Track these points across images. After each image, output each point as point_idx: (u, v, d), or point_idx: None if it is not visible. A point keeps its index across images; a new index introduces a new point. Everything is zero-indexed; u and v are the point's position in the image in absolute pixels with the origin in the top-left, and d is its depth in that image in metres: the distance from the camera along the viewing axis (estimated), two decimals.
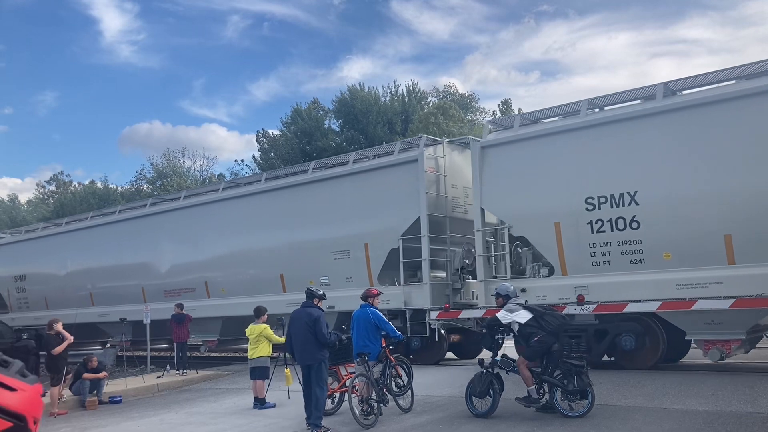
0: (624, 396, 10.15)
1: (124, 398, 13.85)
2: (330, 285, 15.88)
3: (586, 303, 12.53)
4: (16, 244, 27.87)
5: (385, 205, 15.94)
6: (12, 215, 56.49)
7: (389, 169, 16.17)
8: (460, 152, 16.53)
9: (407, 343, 14.91)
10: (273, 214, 18.52)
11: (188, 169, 53.01)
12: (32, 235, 27.58)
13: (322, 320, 9.25)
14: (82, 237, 24.63)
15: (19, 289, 26.75)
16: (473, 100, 47.61)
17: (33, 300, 26.09)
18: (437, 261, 15.72)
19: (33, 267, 26.34)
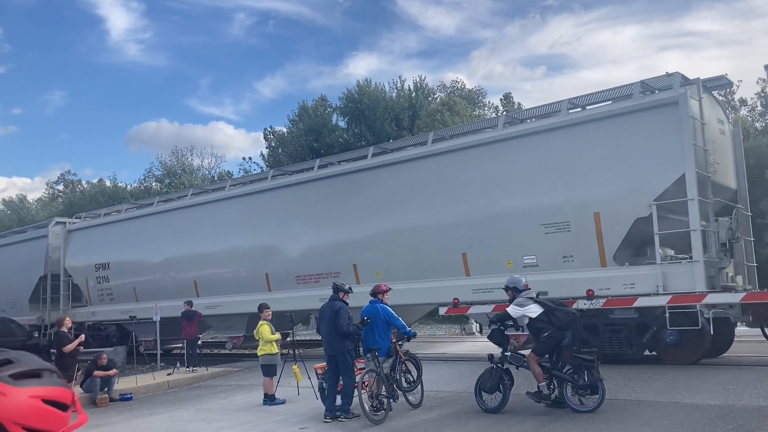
0: (634, 390, 10.10)
1: (134, 395, 13.91)
2: (538, 266, 13.65)
3: (595, 297, 12.47)
4: (95, 229, 24.89)
5: (627, 163, 12.71)
6: (20, 215, 56.78)
7: (631, 116, 12.88)
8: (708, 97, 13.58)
9: (660, 338, 12.53)
10: (449, 183, 15.17)
11: (198, 168, 53.19)
12: (116, 217, 24.55)
13: (342, 312, 9.68)
14: (182, 217, 21.57)
15: (101, 279, 23.93)
16: (480, 95, 47.50)
17: (119, 291, 23.27)
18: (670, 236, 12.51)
19: (118, 254, 23.38)
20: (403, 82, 45.19)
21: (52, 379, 1.17)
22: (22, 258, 25.99)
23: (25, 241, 26.84)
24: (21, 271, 25.66)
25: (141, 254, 22.55)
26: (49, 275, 24.74)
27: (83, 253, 24.74)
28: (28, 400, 1.10)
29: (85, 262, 24.52)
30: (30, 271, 25.32)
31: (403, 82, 45.17)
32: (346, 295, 10.10)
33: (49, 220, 27.80)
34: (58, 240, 25.53)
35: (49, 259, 24.97)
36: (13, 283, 25.78)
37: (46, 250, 25.06)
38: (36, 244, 25.80)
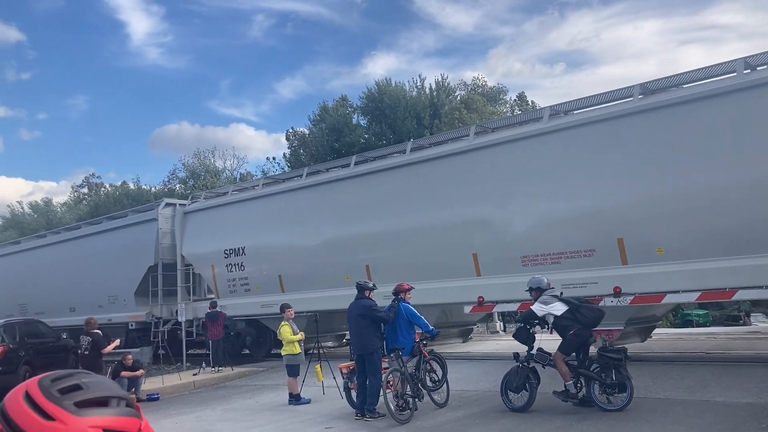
0: (663, 389, 9.97)
1: (161, 395, 14.04)
2: None
3: (622, 295, 12.32)
4: (222, 209, 20.80)
5: None
6: (48, 218, 57.59)
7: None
8: None
9: None
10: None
11: (222, 170, 53.56)
12: (250, 194, 20.54)
13: (374, 306, 9.95)
14: (348, 190, 17.37)
15: (233, 266, 19.96)
16: (502, 92, 47.22)
17: (258, 281, 19.31)
18: None
19: (257, 236, 19.33)
20: (423, 80, 45.11)
21: (119, 408, 1.15)
22: (125, 246, 22.53)
23: (127, 226, 23.29)
24: (124, 261, 22.21)
25: (288, 236, 18.47)
26: (159, 264, 21.40)
27: (206, 238, 20.71)
28: (87, 430, 1.08)
29: (210, 248, 20.48)
30: (136, 261, 21.87)
31: (423, 81, 45.10)
32: (371, 293, 10.17)
33: (158, 201, 24.57)
34: (168, 224, 21.94)
35: (159, 246, 21.53)
36: (114, 274, 22.48)
37: (156, 236, 21.54)
38: (143, 230, 22.22)
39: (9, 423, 1.19)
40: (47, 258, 26.45)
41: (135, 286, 21.83)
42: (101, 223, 25.38)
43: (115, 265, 22.57)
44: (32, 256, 27.55)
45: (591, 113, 13.25)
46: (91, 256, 23.91)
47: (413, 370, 9.90)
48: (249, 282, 19.50)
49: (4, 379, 14.77)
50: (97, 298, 22.89)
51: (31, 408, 1.19)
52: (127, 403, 1.27)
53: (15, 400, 1.21)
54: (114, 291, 22.64)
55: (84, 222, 28.88)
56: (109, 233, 23.92)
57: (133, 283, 21.87)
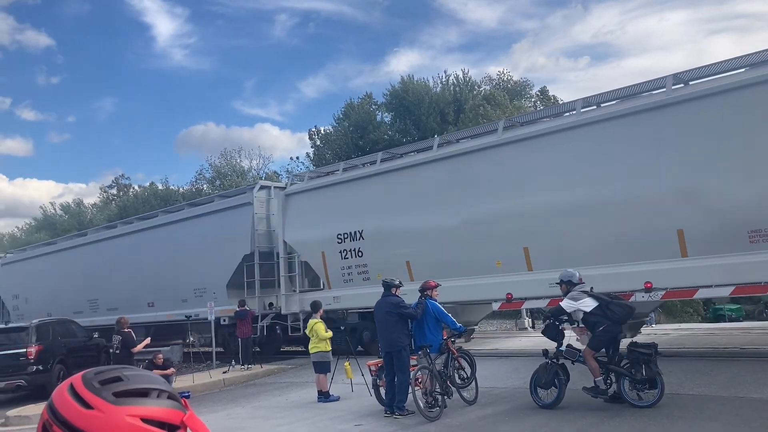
0: (696, 385, 9.81)
1: (192, 393, 14.19)
2: None
3: (653, 290, 12.15)
4: (331, 189, 18.29)
5: None
6: (79, 219, 58.55)
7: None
8: None
9: None
10: None
11: (248, 169, 53.95)
12: (365, 171, 17.79)
13: (402, 303, 9.94)
14: (493, 159, 14.77)
15: (350, 252, 17.47)
16: (528, 87, 46.87)
17: (379, 268, 16.42)
18: None
19: (378, 218, 16.78)
20: (448, 76, 44.98)
21: (160, 400, 1.19)
22: (216, 234, 20.71)
23: (217, 212, 21.30)
24: (215, 250, 20.41)
25: (420, 216, 15.79)
26: (256, 253, 19.61)
27: (314, 222, 18.52)
28: (125, 418, 1.12)
29: (319, 233, 18.25)
30: (229, 250, 20.01)
31: (447, 77, 44.96)
32: (398, 290, 10.16)
33: (252, 183, 22.51)
34: (263, 208, 20.11)
35: (255, 233, 19.77)
36: (202, 265, 20.75)
37: (252, 222, 19.77)
38: (236, 216, 20.33)
39: (54, 414, 1.23)
40: (120, 250, 24.87)
41: (227, 277, 20.08)
42: (183, 210, 23.69)
43: (204, 255, 20.77)
44: (102, 249, 25.91)
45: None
46: (173, 247, 22.21)
47: (441, 367, 9.87)
48: (368, 269, 17.02)
49: (39, 377, 15.05)
50: (181, 292, 21.34)
51: (72, 398, 1.24)
52: (169, 395, 1.29)
53: (60, 393, 1.26)
54: (202, 283, 20.87)
55: (161, 210, 27.15)
56: (194, 221, 22.04)
57: (225, 274, 20.11)
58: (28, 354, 15.34)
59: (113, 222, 31.46)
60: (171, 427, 1.25)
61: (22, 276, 30.63)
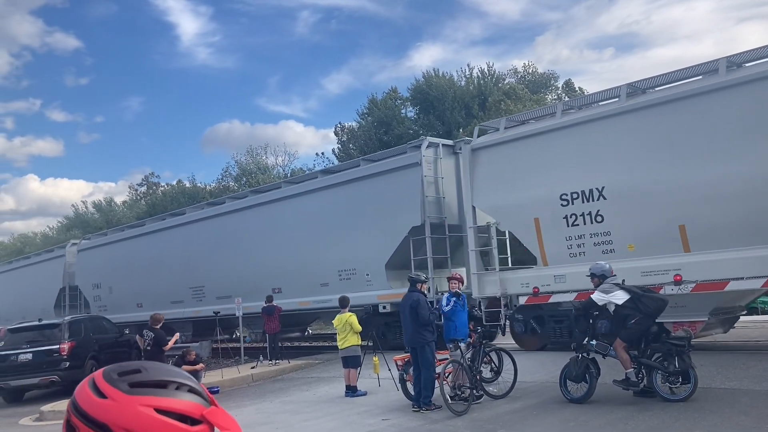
0: (729, 378, 9.66)
1: (220, 388, 14.33)
2: None
3: (684, 282, 11.96)
4: (550, 135, 14.21)
5: None
6: (108, 217, 59.45)
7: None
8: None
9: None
10: None
11: (272, 166, 54.27)
12: (597, 112, 13.70)
13: (421, 302, 9.73)
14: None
15: (581, 217, 13.61)
16: (553, 79, 46.43)
17: (630, 236, 12.92)
18: None
19: (630, 171, 12.81)
20: (471, 70, 44.74)
21: (179, 392, 1.18)
22: (370, 204, 17.52)
23: (373, 176, 17.76)
24: (369, 224, 17.39)
25: (698, 165, 11.83)
26: (427, 224, 16.29)
27: (519, 181, 14.49)
28: (137, 407, 1.12)
29: (530, 195, 14.23)
30: (391, 222, 16.82)
31: (471, 70, 44.73)
32: (423, 286, 10.11)
33: (419, 139, 18.11)
34: (431, 170, 16.60)
35: (425, 200, 16.29)
36: (352, 241, 17.79)
37: (421, 186, 16.30)
38: (398, 180, 16.90)
39: (74, 405, 1.25)
40: (232, 228, 21.64)
41: (387, 255, 16.89)
42: (316, 179, 19.96)
43: (353, 230, 17.70)
44: (207, 228, 22.72)
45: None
46: (306, 222, 19.12)
47: (471, 361, 9.86)
48: (613, 239, 13.14)
49: (72, 373, 15.32)
50: (319, 275, 18.14)
51: (91, 389, 1.25)
52: (190, 389, 1.28)
53: (82, 385, 1.29)
54: (351, 264, 17.91)
55: (283, 181, 23.59)
56: (336, 189, 18.61)
57: (384, 252, 16.90)
58: (61, 350, 15.62)
59: (220, 198, 27.41)
60: (191, 421, 1.24)
61: (104, 263, 27.69)
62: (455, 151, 17.15)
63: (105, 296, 27.84)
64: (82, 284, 29.48)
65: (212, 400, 1.31)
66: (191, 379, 1.32)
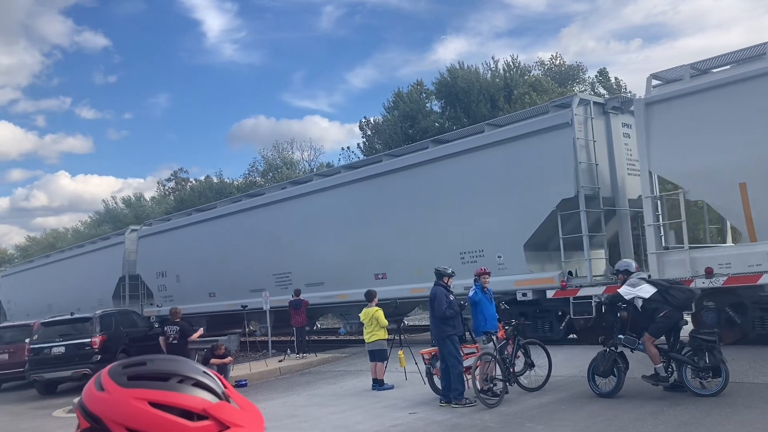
0: (762, 373, 9.48)
1: (249, 382, 14.47)
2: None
3: (715, 275, 11.75)
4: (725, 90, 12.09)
5: None
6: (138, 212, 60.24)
7: None
8: None
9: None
10: None
11: (298, 161, 54.50)
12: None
13: (438, 296, 9.68)
14: None
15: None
16: (581, 70, 45.86)
17: None
18: None
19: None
20: (497, 62, 44.39)
21: (181, 385, 1.12)
22: (502, 172, 15.34)
23: (507, 141, 15.35)
24: (501, 196, 15.22)
25: None
26: (581, 195, 13.97)
27: (717, 138, 12.07)
28: (131, 400, 1.08)
29: (733, 157, 11.84)
30: (530, 193, 14.63)
31: (496, 63, 44.38)
32: (449, 279, 10.05)
33: (567, 96, 16.06)
34: (583, 131, 14.40)
35: (578, 167, 14.02)
36: (479, 218, 15.55)
37: (573, 150, 14.05)
38: (543, 143, 14.66)
39: (80, 398, 1.24)
40: (325, 208, 19.58)
41: (527, 234, 14.75)
42: (427, 149, 17.59)
43: (479, 205, 15.54)
44: (293, 209, 20.65)
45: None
46: (419, 198, 16.96)
47: (502, 354, 9.82)
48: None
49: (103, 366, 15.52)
50: (436, 258, 14.22)
51: (94, 382, 1.24)
52: (196, 382, 1.22)
53: (91, 379, 1.27)
54: (476, 244, 15.63)
55: (384, 154, 20.57)
56: (451, 160, 16.45)
57: (522, 229, 14.79)
58: (93, 344, 15.90)
59: (307, 175, 25.33)
60: (185, 414, 1.17)
61: (169, 250, 25.74)
62: (605, 111, 15.04)
63: (171, 285, 25.73)
64: (144, 273, 27.41)
65: (230, 395, 1.25)
66: (199, 371, 1.26)
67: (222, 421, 1.18)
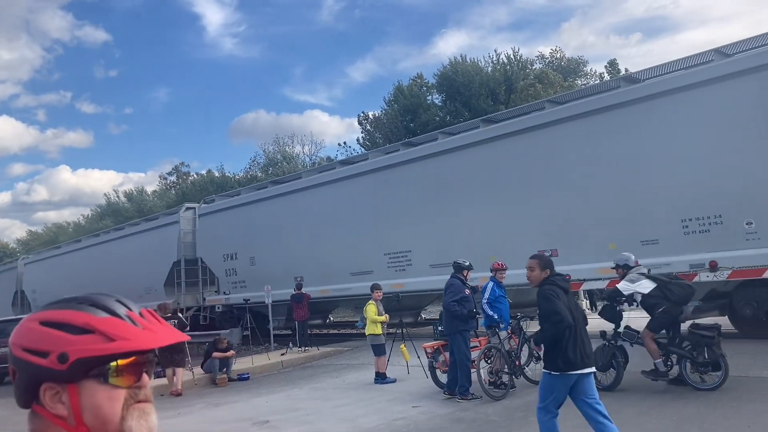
0: (765, 367, 9.48)
1: (251, 375, 14.50)
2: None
3: (719, 269, 11.74)
4: None
5: None
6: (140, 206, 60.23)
7: None
8: None
9: None
10: None
11: (297, 155, 54.45)
12: None
13: (451, 289, 9.71)
14: None
15: None
16: (582, 64, 45.75)
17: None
18: None
19: None
20: (498, 55, 44.28)
21: (75, 305, 1.23)
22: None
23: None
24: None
25: None
26: None
27: None
28: (26, 323, 1.19)
29: None
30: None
31: (498, 56, 44.27)
32: (467, 273, 10.07)
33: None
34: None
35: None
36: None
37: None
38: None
39: None
40: (447, 172, 16.04)
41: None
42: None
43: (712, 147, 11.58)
44: (412, 172, 16.92)
45: None
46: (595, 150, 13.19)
47: (509, 347, 9.85)
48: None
49: None
50: (647, 224, 12.16)
51: None
52: (94, 303, 1.26)
53: None
54: (707, 206, 11.75)
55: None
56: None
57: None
58: None
59: (431, 134, 19.34)
60: (70, 328, 1.21)
61: (239, 228, 22.30)
62: None
63: (243, 270, 22.23)
64: (207, 256, 23.86)
65: (137, 318, 1.26)
66: (109, 297, 1.29)
67: (106, 334, 1.21)
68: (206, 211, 24.47)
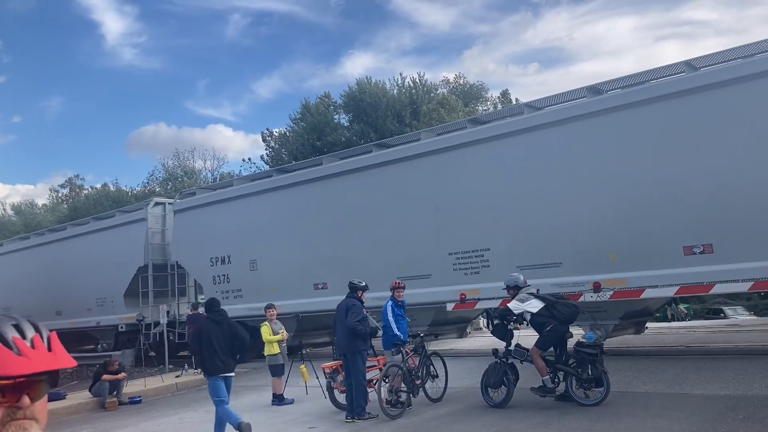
0: (643, 383, 10.07)
1: (143, 398, 13.94)
2: None
3: (602, 290, 12.42)
4: None
5: None
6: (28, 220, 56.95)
7: None
8: None
9: None
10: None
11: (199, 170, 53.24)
12: None
13: (353, 309, 9.61)
14: None
15: None
16: (483, 90, 47.41)
17: None
18: None
19: None
20: (404, 79, 45.20)
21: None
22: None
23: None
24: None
25: None
26: None
27: None
28: None
29: None
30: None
31: (403, 80, 45.18)
32: (363, 293, 10.06)
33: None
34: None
35: None
36: None
37: None
38: None
39: None
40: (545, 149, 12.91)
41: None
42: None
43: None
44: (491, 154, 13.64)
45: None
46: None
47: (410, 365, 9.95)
48: None
49: None
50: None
51: None
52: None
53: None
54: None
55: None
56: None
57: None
58: None
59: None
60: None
61: (232, 227, 18.54)
62: None
63: (240, 277, 18.42)
64: (187, 260, 20.05)
65: (20, 345, 1.30)
66: (3, 318, 1.35)
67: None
68: (185, 206, 20.07)
